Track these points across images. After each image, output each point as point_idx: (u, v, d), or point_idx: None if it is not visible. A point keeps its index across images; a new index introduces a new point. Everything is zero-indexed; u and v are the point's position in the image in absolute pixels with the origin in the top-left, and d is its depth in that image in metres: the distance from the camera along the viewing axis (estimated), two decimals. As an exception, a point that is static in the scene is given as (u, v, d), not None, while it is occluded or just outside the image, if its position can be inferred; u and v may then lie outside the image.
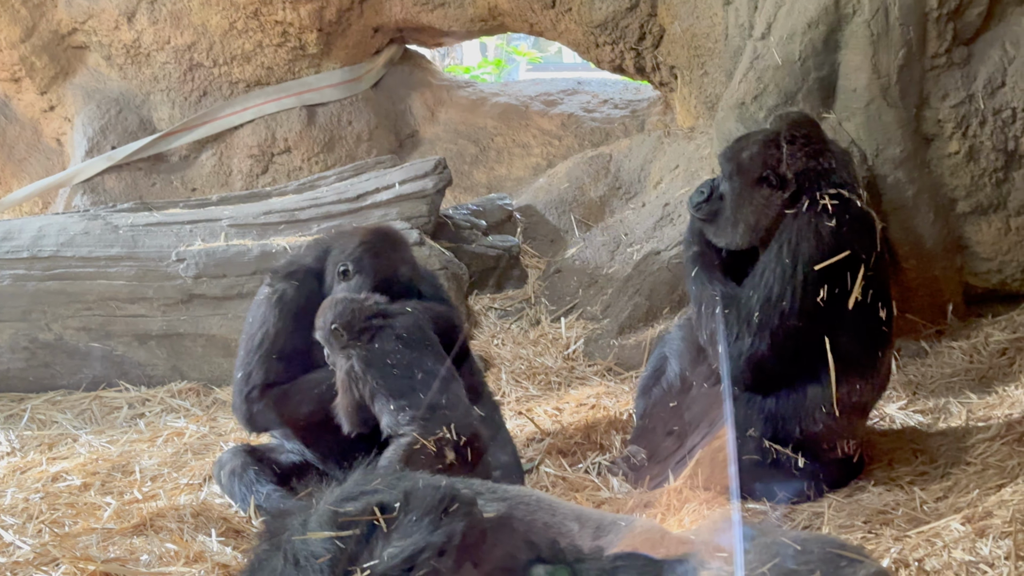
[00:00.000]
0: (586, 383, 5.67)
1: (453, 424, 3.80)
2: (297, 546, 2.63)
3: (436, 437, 3.76)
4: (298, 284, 4.31)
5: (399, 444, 3.79)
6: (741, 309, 4.19)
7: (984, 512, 3.59)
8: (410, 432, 3.78)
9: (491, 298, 6.88)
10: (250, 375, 4.26)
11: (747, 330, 4.16)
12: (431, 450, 3.74)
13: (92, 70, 8.43)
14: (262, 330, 4.29)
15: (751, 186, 4.30)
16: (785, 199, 4.25)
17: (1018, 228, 5.22)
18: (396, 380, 3.90)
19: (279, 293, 4.30)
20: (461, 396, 3.98)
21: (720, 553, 2.72)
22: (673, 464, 4.33)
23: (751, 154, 4.33)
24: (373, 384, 3.91)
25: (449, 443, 3.78)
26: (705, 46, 6.96)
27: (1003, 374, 4.95)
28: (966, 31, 5.11)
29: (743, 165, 4.33)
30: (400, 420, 3.83)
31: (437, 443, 3.76)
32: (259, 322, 4.31)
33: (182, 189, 8.27)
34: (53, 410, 5.74)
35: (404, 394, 3.87)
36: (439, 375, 3.96)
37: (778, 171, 4.26)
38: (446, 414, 3.84)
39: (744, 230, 4.32)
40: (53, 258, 6.04)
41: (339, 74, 8.31)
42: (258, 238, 6.16)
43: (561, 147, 8.42)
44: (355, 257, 4.27)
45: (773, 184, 4.27)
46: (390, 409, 3.86)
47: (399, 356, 3.95)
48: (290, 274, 4.35)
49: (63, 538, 3.87)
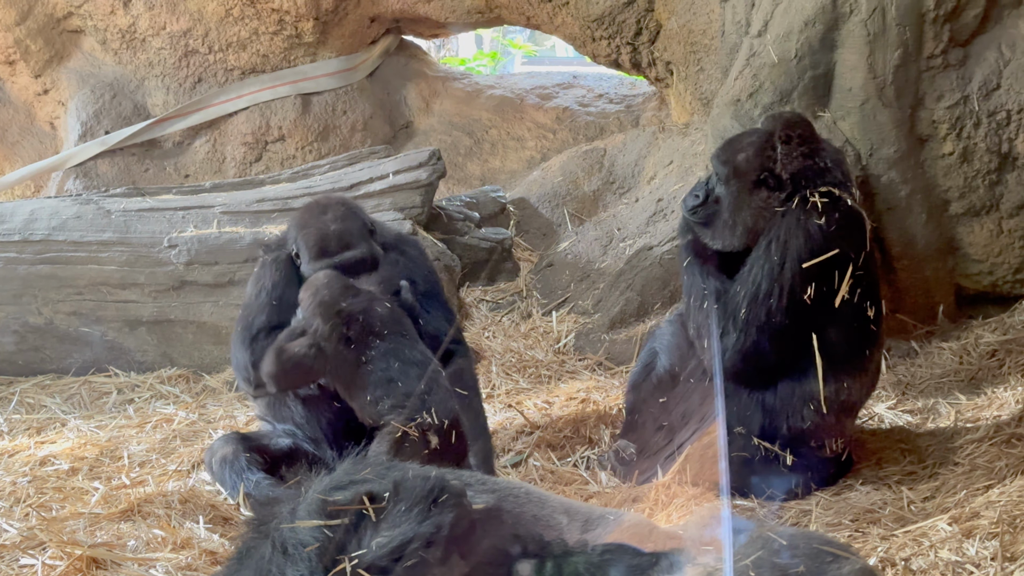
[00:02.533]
0: (576, 377, 5.68)
1: (433, 408, 3.82)
2: (285, 534, 2.63)
3: (417, 423, 3.78)
4: (287, 255, 4.37)
5: (383, 434, 3.82)
6: (728, 305, 4.19)
7: (971, 513, 3.60)
8: (390, 421, 3.80)
9: (483, 290, 6.88)
10: (252, 322, 4.29)
11: (733, 326, 4.17)
12: (414, 436, 3.76)
13: (87, 54, 8.41)
14: (259, 285, 4.36)
15: (749, 190, 4.30)
16: (781, 199, 4.25)
17: (1010, 230, 5.23)
18: (370, 372, 3.91)
19: (273, 257, 4.39)
20: (439, 380, 3.99)
21: (708, 548, 2.73)
22: (662, 459, 4.34)
23: (747, 156, 4.32)
24: (347, 379, 3.94)
25: (431, 428, 3.80)
26: (701, 42, 6.96)
27: (992, 376, 4.96)
28: (962, 33, 5.12)
29: (740, 168, 4.32)
30: (380, 410, 3.85)
31: (419, 428, 3.78)
32: (256, 281, 4.39)
33: (175, 175, 8.25)
34: (42, 394, 5.73)
35: (380, 384, 3.88)
36: (414, 361, 3.96)
37: (775, 172, 4.26)
38: (424, 399, 3.85)
39: (742, 232, 4.32)
40: (45, 242, 6.03)
41: (335, 63, 8.30)
42: (251, 226, 6.15)
43: (555, 141, 8.42)
44: (293, 236, 4.32)
45: (771, 186, 4.26)
46: (368, 400, 3.88)
47: (372, 348, 3.95)
48: (279, 246, 4.43)
49: (50, 522, 3.87)
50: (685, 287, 4.41)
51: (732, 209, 4.32)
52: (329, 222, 4.28)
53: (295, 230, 4.32)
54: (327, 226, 4.27)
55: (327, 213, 4.32)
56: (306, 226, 4.29)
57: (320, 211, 4.34)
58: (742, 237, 4.33)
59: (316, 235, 4.25)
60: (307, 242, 4.25)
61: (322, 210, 4.34)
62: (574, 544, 2.80)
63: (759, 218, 4.29)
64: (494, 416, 5.02)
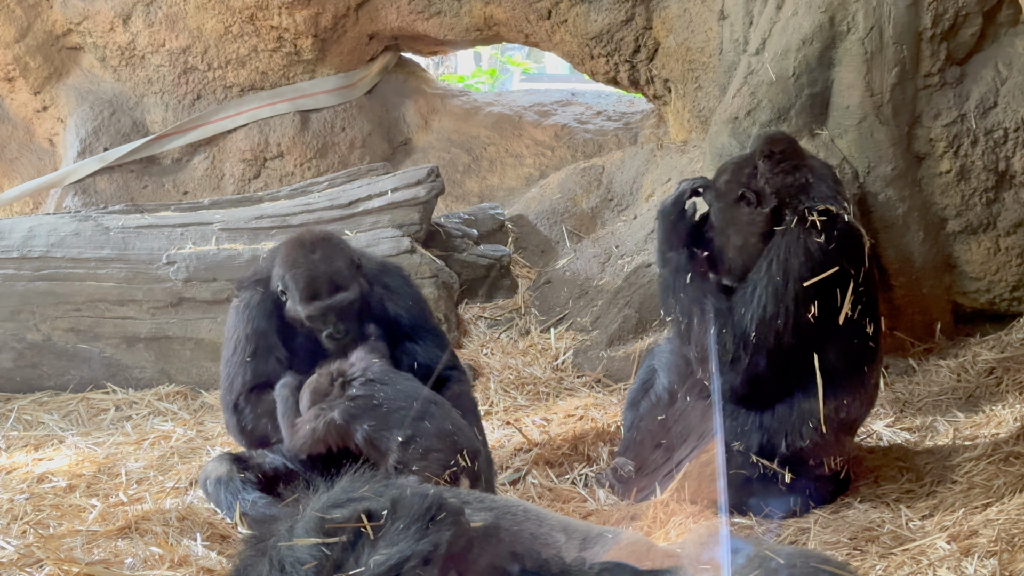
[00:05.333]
0: (575, 394, 5.67)
1: (465, 451, 3.81)
2: (283, 552, 2.63)
3: (451, 471, 3.76)
4: (263, 291, 4.29)
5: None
6: (736, 328, 4.17)
7: (969, 531, 3.59)
8: (423, 471, 3.74)
9: (481, 307, 6.89)
10: (232, 384, 4.25)
11: (744, 350, 4.15)
12: (445, 482, 3.71)
13: (86, 71, 8.42)
14: (235, 338, 4.28)
15: (732, 206, 4.33)
16: (767, 215, 4.26)
17: (1007, 248, 5.24)
18: (390, 417, 3.87)
19: (245, 300, 4.30)
20: (457, 419, 3.96)
21: (706, 567, 2.73)
22: (660, 477, 4.33)
23: (727, 177, 4.39)
24: (366, 429, 3.88)
25: (463, 471, 3.78)
26: (699, 60, 6.98)
27: (990, 393, 4.96)
28: (959, 51, 5.14)
29: (720, 189, 4.37)
30: (410, 456, 3.80)
31: (452, 476, 3.75)
32: (231, 331, 4.31)
33: (174, 192, 8.26)
34: (40, 411, 5.73)
35: (404, 426, 3.82)
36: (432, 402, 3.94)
37: (755, 188, 4.28)
38: (455, 441, 3.82)
39: (734, 252, 4.34)
40: (43, 258, 6.03)
41: (333, 80, 8.31)
42: (249, 242, 6.15)
43: (554, 158, 8.42)
44: (279, 275, 4.22)
45: (751, 202, 4.28)
46: (395, 446, 3.82)
47: (383, 392, 3.92)
48: (254, 283, 4.33)
49: (47, 539, 3.86)
50: (682, 309, 4.36)
51: (720, 228, 4.36)
52: (319, 262, 4.17)
53: (283, 269, 4.20)
54: (316, 267, 4.16)
55: (315, 252, 4.19)
56: (295, 266, 4.17)
57: (308, 249, 4.21)
58: (735, 256, 4.34)
59: (307, 277, 4.14)
60: (297, 284, 4.15)
61: (310, 248, 4.21)
62: (572, 562, 2.80)
63: (747, 234, 4.30)
64: (492, 433, 5.01)
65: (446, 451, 3.78)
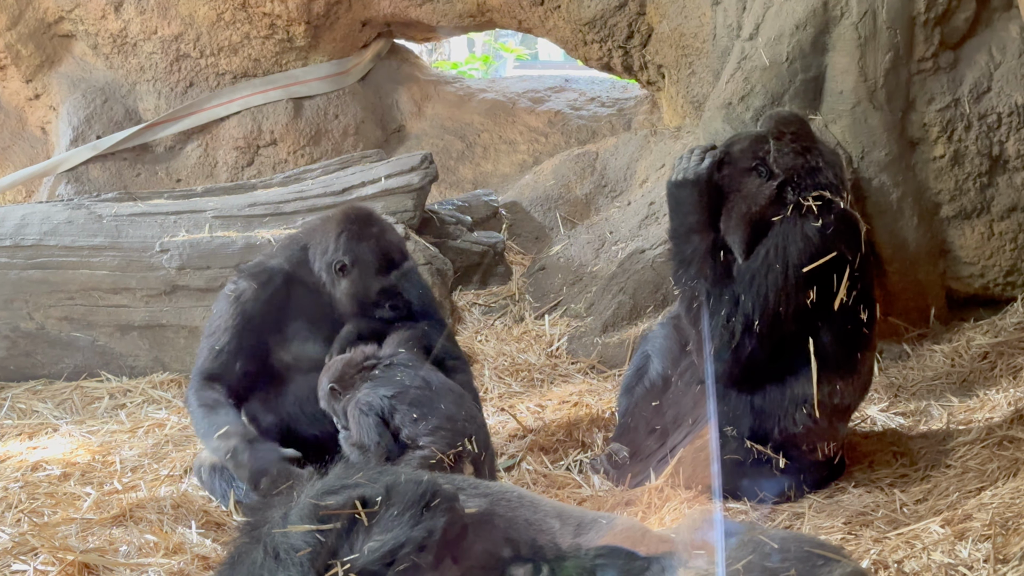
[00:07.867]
0: (569, 381, 5.68)
1: (473, 437, 3.81)
2: (277, 539, 2.63)
3: (455, 451, 3.76)
4: (259, 286, 4.29)
5: (414, 456, 3.76)
6: (736, 314, 4.16)
7: (964, 515, 3.60)
8: (429, 445, 3.76)
9: (475, 294, 6.88)
10: (198, 364, 4.28)
11: (747, 337, 4.14)
12: (449, 463, 3.72)
13: (78, 59, 8.39)
14: (215, 323, 4.30)
15: (742, 174, 4.32)
16: (774, 190, 4.24)
17: (1001, 233, 5.24)
18: (409, 394, 3.88)
19: (239, 292, 4.30)
20: (476, 411, 3.99)
21: (700, 551, 2.73)
22: (655, 462, 4.34)
23: (742, 147, 4.37)
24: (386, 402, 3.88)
25: (468, 456, 3.78)
26: (693, 46, 6.97)
27: (984, 378, 4.97)
28: (953, 36, 5.13)
29: (734, 155, 4.36)
30: (419, 430, 3.81)
31: (456, 456, 3.75)
32: (215, 315, 4.34)
33: (167, 180, 8.24)
34: (34, 399, 5.72)
35: (420, 405, 3.85)
36: (449, 390, 3.95)
37: (767, 164, 4.28)
38: (465, 426, 3.84)
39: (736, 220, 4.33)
40: (36, 247, 6.02)
41: (326, 67, 8.30)
42: (243, 230, 6.14)
43: (548, 144, 8.42)
44: (345, 248, 4.25)
45: (762, 175, 4.28)
46: (408, 421, 3.82)
47: (405, 375, 3.93)
48: (255, 275, 4.33)
49: (42, 528, 3.86)
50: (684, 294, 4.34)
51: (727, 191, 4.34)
52: (386, 233, 4.31)
53: (348, 244, 4.23)
54: (386, 237, 4.29)
55: (374, 225, 4.31)
56: (364, 239, 4.24)
57: (368, 223, 4.31)
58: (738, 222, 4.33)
59: (381, 248, 4.25)
60: (373, 255, 4.23)
61: (368, 222, 4.31)
62: (567, 548, 2.81)
63: (751, 203, 4.29)
64: (487, 420, 5.01)
65: (454, 432, 3.79)
